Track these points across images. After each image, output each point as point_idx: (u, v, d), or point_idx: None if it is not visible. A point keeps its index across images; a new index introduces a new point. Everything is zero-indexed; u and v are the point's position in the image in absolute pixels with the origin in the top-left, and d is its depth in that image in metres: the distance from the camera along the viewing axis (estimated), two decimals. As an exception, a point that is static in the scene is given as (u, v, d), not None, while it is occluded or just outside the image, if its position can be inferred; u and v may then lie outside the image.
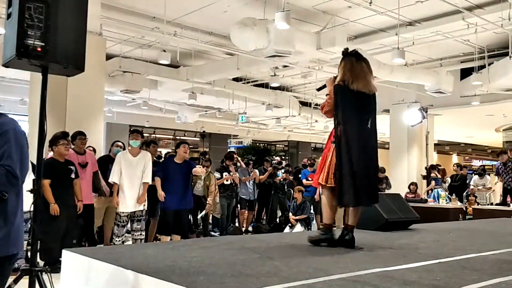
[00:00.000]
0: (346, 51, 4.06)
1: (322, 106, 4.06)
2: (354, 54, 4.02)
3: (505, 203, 10.03)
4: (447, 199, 11.03)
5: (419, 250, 3.94)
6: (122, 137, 15.40)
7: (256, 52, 9.37)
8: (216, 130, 21.63)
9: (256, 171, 10.81)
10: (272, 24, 8.22)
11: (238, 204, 10.52)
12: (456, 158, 29.84)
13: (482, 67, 11.71)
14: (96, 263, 3.15)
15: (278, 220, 11.24)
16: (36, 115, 3.48)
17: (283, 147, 27.05)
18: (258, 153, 17.15)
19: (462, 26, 9.84)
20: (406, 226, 5.45)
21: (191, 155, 9.03)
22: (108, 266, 3.02)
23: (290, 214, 9.86)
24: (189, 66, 12.92)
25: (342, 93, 3.86)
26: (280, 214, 11.49)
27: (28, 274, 2.76)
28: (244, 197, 10.53)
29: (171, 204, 6.71)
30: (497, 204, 10.72)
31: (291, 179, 11.99)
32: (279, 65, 12.21)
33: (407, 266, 3.13)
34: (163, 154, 10.53)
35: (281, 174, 12.00)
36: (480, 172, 12.69)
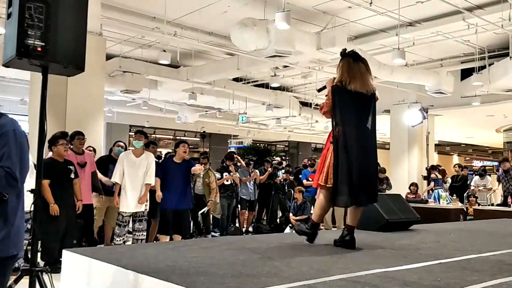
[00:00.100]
0: (344, 52, 4.07)
1: (321, 107, 4.07)
2: (351, 55, 4.02)
3: (506, 204, 10.02)
4: (448, 199, 11.02)
5: (420, 250, 3.94)
6: (122, 137, 15.46)
7: (256, 52, 9.37)
8: (216, 130, 21.63)
9: (257, 171, 10.81)
10: (272, 24, 8.23)
11: (238, 205, 10.51)
12: (456, 158, 29.81)
13: (482, 67, 11.71)
14: (97, 263, 3.14)
15: (278, 220, 11.24)
16: (36, 115, 3.48)
17: (284, 147, 27.04)
18: (259, 153, 17.11)
19: (463, 26, 9.84)
20: (407, 226, 5.44)
21: (191, 155, 9.02)
22: (109, 266, 3.02)
23: (291, 215, 9.85)
24: (189, 66, 12.93)
25: (339, 93, 3.87)
26: (280, 214, 11.49)
27: (29, 274, 2.75)
28: (244, 197, 10.52)
29: (171, 203, 6.71)
30: (498, 205, 10.72)
31: (291, 179, 11.98)
32: (279, 65, 12.21)
33: (408, 266, 3.13)
34: (163, 155, 10.53)
35: (281, 174, 11.99)
36: (481, 172, 12.67)
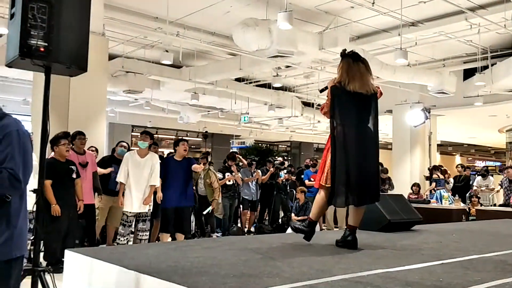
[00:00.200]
0: (343, 52, 4.08)
1: (322, 107, 4.09)
2: (351, 55, 4.03)
3: (508, 204, 10.00)
4: (450, 200, 11.00)
5: (422, 251, 3.93)
6: (124, 137, 15.50)
7: (259, 52, 9.37)
8: (218, 130, 21.63)
9: (259, 171, 10.81)
10: (275, 24, 8.22)
11: (240, 205, 10.51)
12: (459, 159, 29.75)
13: (485, 67, 11.67)
14: (99, 263, 3.15)
15: (280, 220, 11.23)
16: (39, 115, 3.48)
17: (286, 147, 27.03)
18: (261, 153, 17.13)
19: (465, 26, 9.82)
20: (409, 227, 5.44)
21: (193, 155, 9.03)
22: (111, 267, 3.02)
23: (293, 215, 9.84)
24: (191, 67, 12.93)
25: (338, 94, 3.89)
26: (282, 214, 11.48)
27: (31, 274, 2.76)
28: (246, 197, 10.52)
29: (171, 200, 6.72)
30: (500, 205, 10.69)
31: (293, 179, 11.97)
32: (281, 65, 12.20)
33: (410, 267, 3.12)
34: (165, 154, 10.53)
35: (283, 174, 11.98)
36: (483, 173, 12.63)
